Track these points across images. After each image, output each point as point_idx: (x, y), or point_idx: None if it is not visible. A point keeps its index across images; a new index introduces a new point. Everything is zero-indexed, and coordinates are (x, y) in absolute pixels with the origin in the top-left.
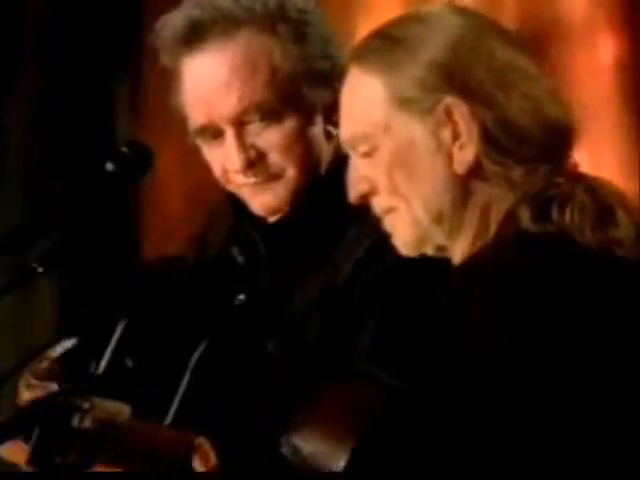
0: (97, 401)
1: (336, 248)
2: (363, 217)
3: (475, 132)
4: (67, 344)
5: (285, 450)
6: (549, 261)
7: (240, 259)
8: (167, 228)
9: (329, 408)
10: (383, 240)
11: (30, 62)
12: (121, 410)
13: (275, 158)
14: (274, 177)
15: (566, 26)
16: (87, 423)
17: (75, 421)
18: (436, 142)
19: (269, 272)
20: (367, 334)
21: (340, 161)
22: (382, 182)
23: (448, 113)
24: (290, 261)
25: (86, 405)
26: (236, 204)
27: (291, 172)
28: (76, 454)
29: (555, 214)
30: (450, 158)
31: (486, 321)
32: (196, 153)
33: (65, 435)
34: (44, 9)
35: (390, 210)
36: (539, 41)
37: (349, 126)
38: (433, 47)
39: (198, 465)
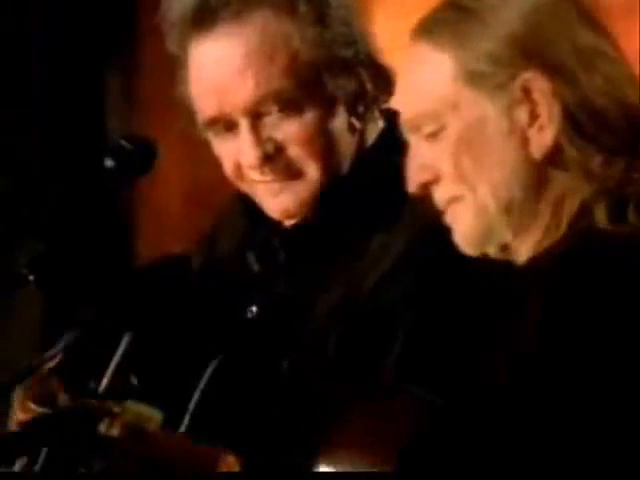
0: (129, 404)
1: (360, 254)
2: (390, 222)
3: (556, 112)
4: (56, 357)
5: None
6: (625, 266)
7: (256, 267)
8: (163, 228)
9: (357, 431)
10: (412, 249)
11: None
12: (153, 416)
13: (294, 153)
14: (293, 175)
15: (601, 11)
16: (114, 430)
17: (103, 427)
18: (509, 122)
19: (286, 280)
20: (397, 345)
21: (365, 157)
22: (447, 167)
23: (525, 90)
24: (310, 268)
25: (117, 409)
26: (248, 205)
27: (312, 170)
28: (101, 462)
29: (631, 214)
30: (525, 141)
31: (551, 327)
32: (196, 147)
33: (91, 441)
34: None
35: (454, 200)
36: None
37: (413, 104)
38: (508, 19)
39: None
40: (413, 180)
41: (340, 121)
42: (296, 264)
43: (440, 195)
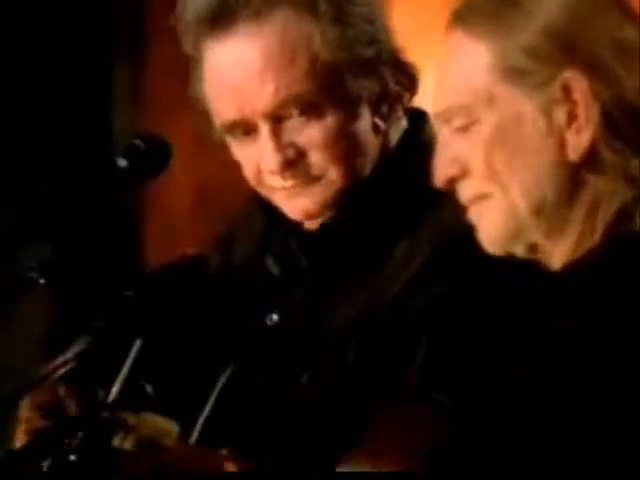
0: (146, 416)
1: (384, 259)
2: (414, 225)
3: (595, 114)
4: (66, 366)
5: None
6: None
7: (275, 270)
8: (172, 228)
9: (379, 438)
10: (438, 255)
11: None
12: (169, 429)
13: (316, 158)
14: (314, 179)
15: None
16: (128, 443)
17: (117, 440)
18: (547, 122)
19: (304, 286)
20: (421, 350)
21: (389, 158)
22: (476, 163)
23: (566, 90)
24: (330, 274)
25: (132, 421)
26: (265, 206)
27: (332, 173)
28: (115, 475)
29: None
30: (562, 141)
31: (587, 335)
32: (204, 146)
33: (105, 455)
34: None
35: (481, 197)
36: None
37: (445, 96)
38: (549, 11)
39: None
40: (440, 174)
41: (364, 122)
42: (315, 267)
43: (466, 191)
